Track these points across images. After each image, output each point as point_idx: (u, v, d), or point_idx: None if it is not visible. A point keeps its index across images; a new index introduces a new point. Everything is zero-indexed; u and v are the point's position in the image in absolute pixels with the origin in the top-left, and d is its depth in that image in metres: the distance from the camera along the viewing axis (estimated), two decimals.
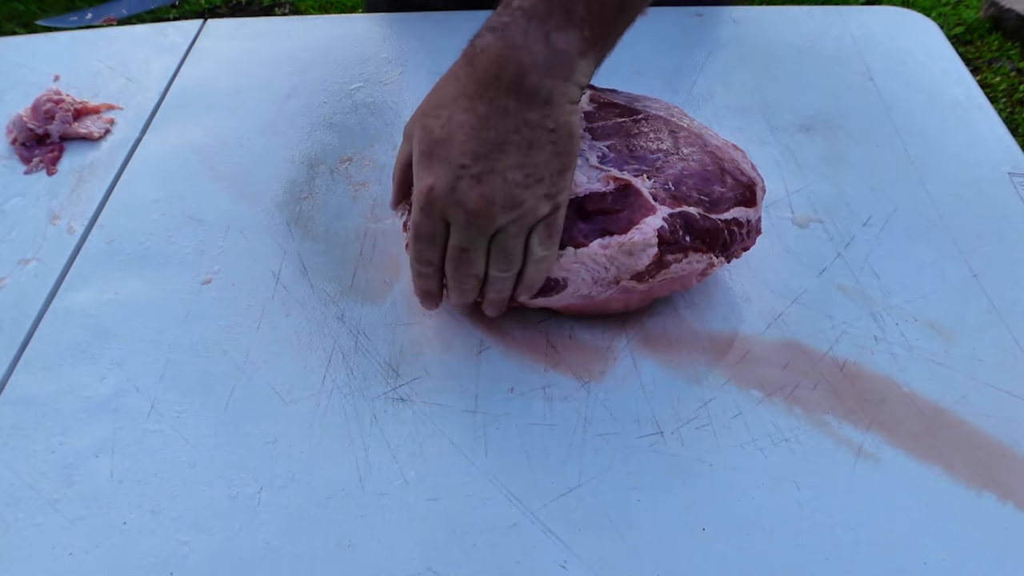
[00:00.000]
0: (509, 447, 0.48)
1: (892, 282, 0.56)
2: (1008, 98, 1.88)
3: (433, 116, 0.44)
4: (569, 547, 0.43)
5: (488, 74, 0.42)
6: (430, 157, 0.44)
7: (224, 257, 0.60)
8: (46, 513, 0.46)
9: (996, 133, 0.68)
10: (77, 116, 0.72)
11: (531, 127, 0.43)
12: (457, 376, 0.51)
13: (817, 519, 0.44)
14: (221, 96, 0.75)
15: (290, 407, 0.50)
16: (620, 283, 0.50)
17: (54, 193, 0.66)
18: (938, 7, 2.19)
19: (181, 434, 0.49)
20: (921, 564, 0.42)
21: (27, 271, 0.60)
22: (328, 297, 0.57)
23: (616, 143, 0.53)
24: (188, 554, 0.44)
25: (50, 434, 0.49)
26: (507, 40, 0.42)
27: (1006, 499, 0.45)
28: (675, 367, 0.52)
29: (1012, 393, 0.50)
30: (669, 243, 0.48)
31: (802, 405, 0.49)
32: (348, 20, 0.86)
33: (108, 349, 0.54)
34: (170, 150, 0.70)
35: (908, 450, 0.47)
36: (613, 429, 0.48)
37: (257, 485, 0.47)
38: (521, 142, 0.43)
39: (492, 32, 0.43)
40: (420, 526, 0.45)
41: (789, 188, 0.64)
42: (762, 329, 0.54)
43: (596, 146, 0.53)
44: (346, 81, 0.77)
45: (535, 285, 0.49)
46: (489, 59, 0.42)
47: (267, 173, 0.67)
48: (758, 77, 0.75)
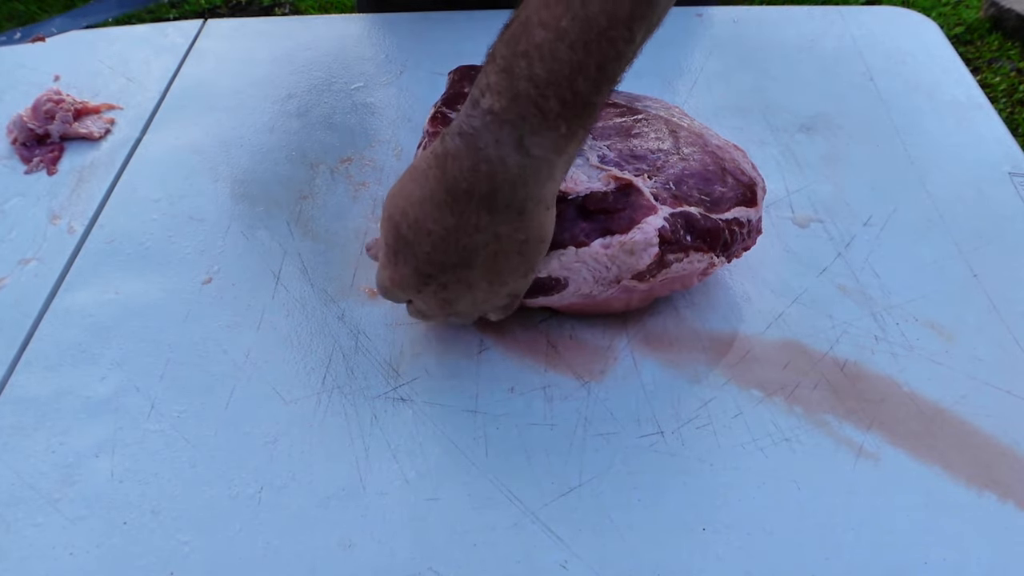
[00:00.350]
0: (509, 447, 0.48)
1: (892, 282, 0.56)
2: (1008, 98, 1.88)
3: (400, 213, 0.42)
4: (569, 547, 0.43)
5: (458, 186, 0.40)
6: (396, 253, 0.43)
7: (224, 257, 0.60)
8: (46, 513, 0.46)
9: (996, 133, 0.68)
10: (77, 116, 0.72)
11: (501, 240, 0.42)
12: (457, 376, 0.51)
13: (817, 519, 0.44)
14: (221, 96, 0.75)
15: (290, 407, 0.50)
16: (621, 282, 0.50)
17: (54, 193, 0.66)
18: (938, 7, 2.19)
19: (181, 434, 0.49)
20: (921, 564, 0.42)
21: (27, 271, 0.60)
22: (328, 297, 0.57)
23: (616, 143, 0.53)
24: (188, 554, 0.44)
25: (50, 434, 0.49)
26: (479, 151, 0.39)
27: (1006, 499, 0.45)
28: (675, 367, 0.52)
29: (1012, 393, 0.50)
30: (670, 242, 0.48)
31: (802, 405, 0.49)
32: (348, 20, 0.86)
33: (108, 349, 0.54)
34: (170, 150, 0.70)
35: (908, 450, 0.47)
36: (613, 429, 0.48)
37: (257, 485, 0.46)
38: (489, 254, 0.42)
39: (462, 138, 0.39)
40: (420, 526, 0.45)
41: (789, 188, 0.64)
42: (762, 329, 0.54)
43: (596, 146, 0.53)
44: (346, 81, 0.77)
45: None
46: (460, 169, 0.39)
47: (267, 173, 0.67)
48: (758, 77, 0.75)
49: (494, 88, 0.38)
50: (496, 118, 0.38)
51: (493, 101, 0.38)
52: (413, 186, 0.42)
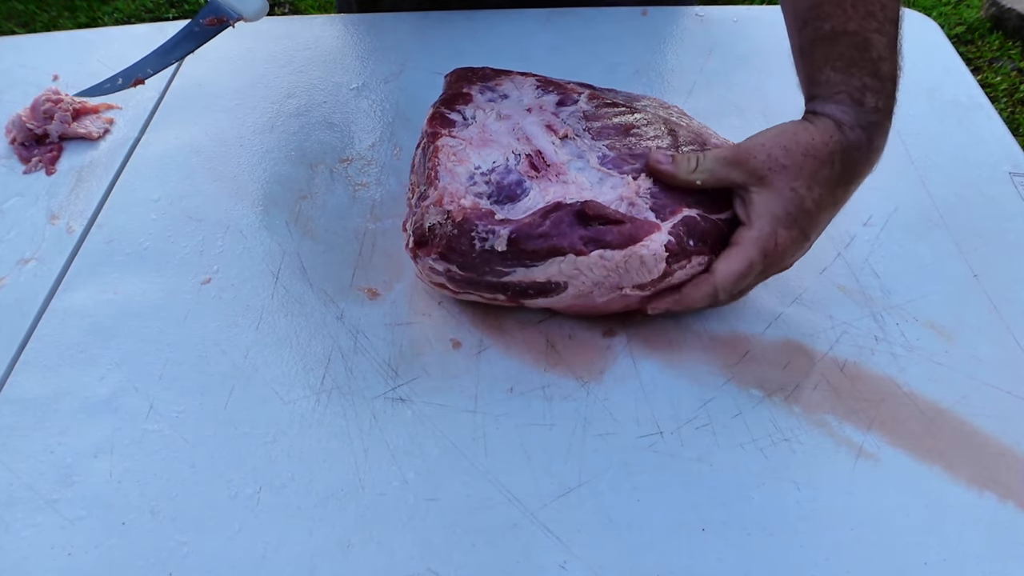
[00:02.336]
0: (509, 447, 0.48)
1: (892, 282, 0.56)
2: (1009, 98, 1.88)
3: (806, 187, 0.48)
4: (569, 547, 0.43)
5: (857, 173, 0.49)
6: (794, 221, 0.49)
7: (223, 257, 0.60)
8: (45, 513, 0.46)
9: (997, 133, 0.68)
10: (76, 116, 0.72)
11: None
12: (456, 376, 0.51)
13: (817, 519, 0.44)
14: (221, 96, 0.75)
15: (289, 407, 0.50)
16: (622, 290, 0.50)
17: (53, 193, 0.66)
18: (939, 7, 2.19)
19: (180, 434, 0.49)
20: (921, 564, 0.42)
21: (26, 271, 0.60)
22: (327, 297, 0.56)
23: (616, 142, 0.53)
24: (187, 554, 0.44)
25: (49, 434, 0.49)
26: (877, 145, 0.49)
27: (1007, 499, 0.45)
28: (675, 367, 0.52)
29: (1012, 393, 0.50)
30: (676, 253, 0.48)
31: (802, 405, 0.49)
32: (348, 20, 0.86)
33: (107, 349, 0.54)
34: (169, 150, 0.70)
35: (908, 450, 0.47)
36: (613, 429, 0.48)
37: (256, 485, 0.46)
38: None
39: (865, 131, 0.48)
40: (419, 526, 0.44)
41: None
42: (762, 329, 0.54)
43: (596, 146, 0.53)
44: (346, 81, 0.77)
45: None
46: (863, 158, 0.49)
47: (267, 173, 0.67)
48: (758, 77, 0.75)
49: (871, 88, 0.48)
50: (883, 114, 0.48)
51: (877, 100, 0.48)
52: (818, 167, 0.48)
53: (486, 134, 0.54)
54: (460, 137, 0.54)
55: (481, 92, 0.58)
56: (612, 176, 0.51)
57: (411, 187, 0.56)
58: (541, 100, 0.57)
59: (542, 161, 0.52)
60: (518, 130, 0.55)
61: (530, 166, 0.52)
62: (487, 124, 0.55)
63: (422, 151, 0.55)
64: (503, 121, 0.55)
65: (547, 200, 0.49)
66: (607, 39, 0.60)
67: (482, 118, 0.55)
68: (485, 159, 0.52)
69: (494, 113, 0.56)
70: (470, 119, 0.55)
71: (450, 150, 0.52)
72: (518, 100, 0.58)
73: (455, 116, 0.55)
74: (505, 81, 0.59)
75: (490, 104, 0.57)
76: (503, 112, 0.56)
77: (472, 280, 0.50)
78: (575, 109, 0.57)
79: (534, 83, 0.59)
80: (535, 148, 0.53)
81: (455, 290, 0.52)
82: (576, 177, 0.51)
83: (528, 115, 0.56)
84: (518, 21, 0.82)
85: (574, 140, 0.54)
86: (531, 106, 0.57)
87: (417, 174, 0.55)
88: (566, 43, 0.79)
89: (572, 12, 0.83)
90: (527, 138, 0.54)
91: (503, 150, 0.53)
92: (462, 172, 0.51)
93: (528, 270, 0.49)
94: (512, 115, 0.56)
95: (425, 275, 0.52)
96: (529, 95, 0.58)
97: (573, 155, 0.53)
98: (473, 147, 0.53)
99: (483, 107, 0.57)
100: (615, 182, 0.51)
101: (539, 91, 0.58)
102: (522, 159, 0.52)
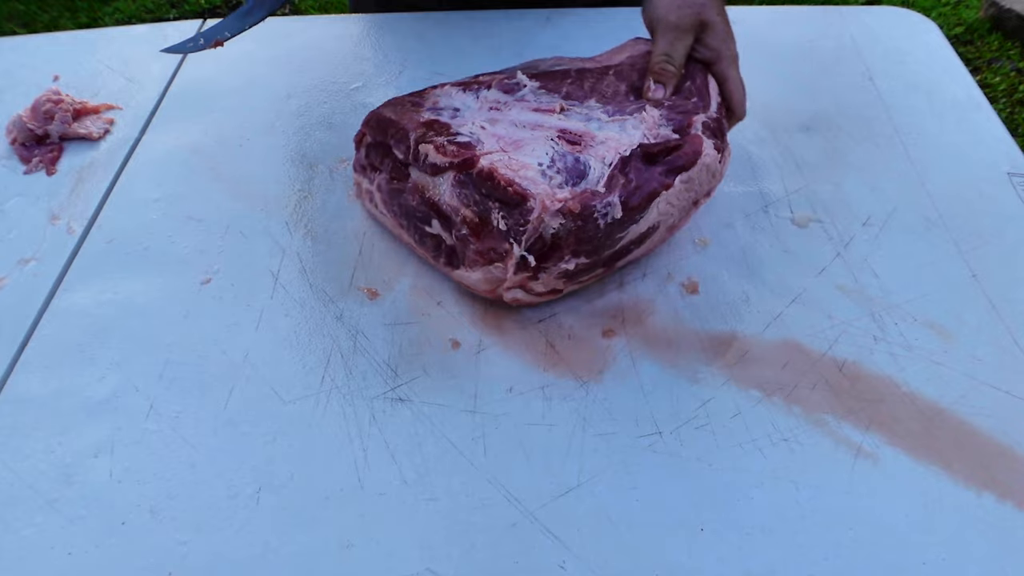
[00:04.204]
0: (508, 447, 0.48)
1: (892, 282, 0.56)
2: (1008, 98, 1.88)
3: (720, 8, 0.60)
4: (568, 547, 0.43)
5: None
6: (729, 34, 0.61)
7: (223, 257, 0.60)
8: (45, 513, 0.46)
9: (996, 133, 0.68)
10: (76, 116, 0.72)
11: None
12: (456, 376, 0.51)
13: (817, 519, 0.44)
14: (221, 96, 0.75)
15: (289, 407, 0.50)
16: (697, 203, 0.56)
17: (53, 193, 0.66)
18: (938, 7, 2.19)
19: (180, 434, 0.49)
20: (920, 564, 0.42)
21: (26, 271, 0.60)
22: (327, 297, 0.57)
23: (599, 97, 0.57)
24: (187, 554, 0.44)
25: (49, 434, 0.49)
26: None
27: (1006, 499, 0.45)
28: (674, 367, 0.52)
29: (1012, 393, 0.50)
30: (721, 150, 0.55)
31: (801, 405, 0.49)
32: (348, 20, 0.86)
33: (107, 349, 0.54)
34: (170, 150, 0.70)
35: (907, 450, 0.47)
36: (612, 429, 0.48)
37: (256, 485, 0.46)
38: None
39: None
40: (419, 526, 0.44)
41: (789, 188, 0.64)
42: (761, 329, 0.54)
43: (591, 106, 0.56)
44: (346, 81, 0.77)
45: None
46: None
47: (267, 173, 0.67)
48: (758, 77, 0.75)
49: None
50: None
51: None
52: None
53: (504, 140, 0.53)
54: (494, 151, 0.52)
55: (435, 112, 0.56)
56: (627, 119, 0.55)
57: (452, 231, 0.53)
58: (491, 97, 0.57)
59: (573, 136, 0.53)
60: (522, 124, 0.54)
61: (569, 144, 0.53)
62: (491, 134, 0.53)
63: (454, 184, 0.51)
64: (498, 125, 0.54)
65: (608, 163, 0.51)
66: (607, 39, 0.60)
67: (478, 133, 0.53)
68: (532, 156, 0.51)
69: (478, 126, 0.54)
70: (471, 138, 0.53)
71: (503, 164, 0.50)
72: (473, 108, 0.56)
73: (464, 138, 0.53)
74: (433, 100, 0.57)
75: (459, 122, 0.55)
76: (481, 121, 0.54)
77: (593, 264, 0.52)
78: (529, 90, 0.57)
79: (457, 90, 0.58)
80: (556, 128, 0.54)
81: (562, 288, 0.53)
82: (606, 135, 0.53)
83: (508, 111, 0.56)
84: (518, 21, 0.82)
85: (571, 110, 0.56)
86: (493, 105, 0.56)
87: (462, 204, 0.51)
88: (566, 43, 0.79)
89: (572, 12, 0.83)
90: (538, 125, 0.54)
91: (535, 143, 0.52)
92: (534, 175, 0.50)
93: (636, 225, 0.52)
94: (496, 119, 0.55)
95: (542, 286, 0.52)
96: (471, 100, 0.57)
97: (584, 121, 0.55)
98: (512, 152, 0.52)
99: (462, 126, 0.54)
100: (633, 123, 0.54)
101: (473, 92, 0.57)
102: (558, 142, 0.53)
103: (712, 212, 0.62)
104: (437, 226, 0.54)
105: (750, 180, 0.65)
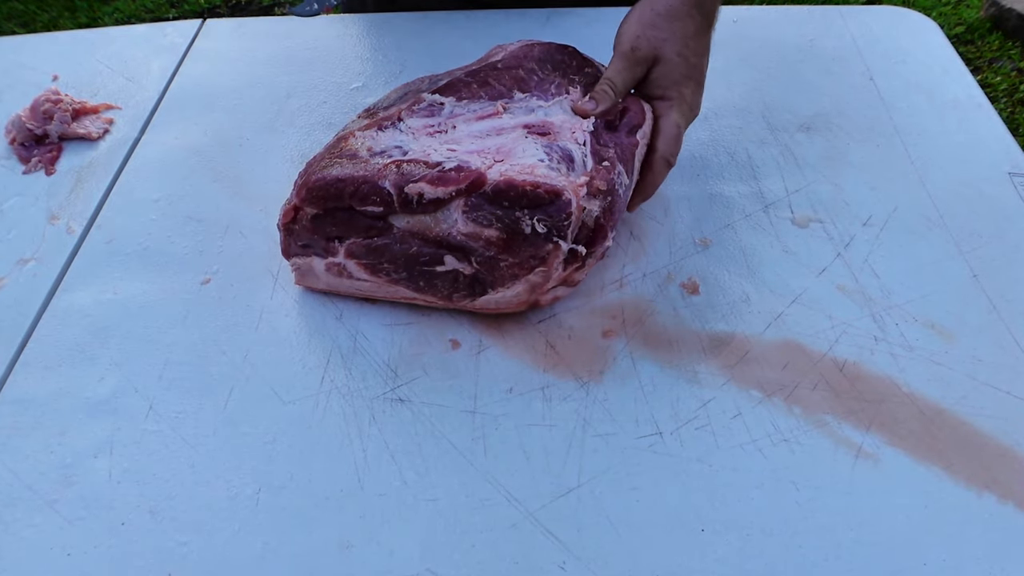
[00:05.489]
0: (508, 447, 0.48)
1: (892, 282, 0.56)
2: (1008, 98, 1.88)
3: (684, 46, 0.57)
4: (568, 547, 0.43)
5: (713, 16, 0.59)
6: (689, 77, 0.58)
7: (223, 257, 0.60)
8: (44, 513, 0.46)
9: (996, 133, 0.68)
10: (76, 116, 0.72)
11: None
12: (456, 376, 0.51)
13: (817, 519, 0.44)
14: (221, 96, 0.75)
15: (289, 407, 0.50)
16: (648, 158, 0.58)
17: (53, 193, 0.66)
18: (938, 7, 2.19)
19: (180, 434, 0.49)
20: (921, 565, 0.42)
21: (26, 271, 0.60)
22: (327, 297, 0.56)
23: (521, 90, 0.58)
24: (186, 554, 0.44)
25: (49, 434, 0.49)
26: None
27: (1006, 499, 0.45)
28: (674, 367, 0.52)
29: (1012, 393, 0.50)
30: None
31: (802, 405, 0.49)
32: (348, 20, 0.86)
33: (107, 349, 0.54)
34: (169, 150, 0.70)
35: (908, 450, 0.47)
36: (612, 429, 0.48)
37: (256, 485, 0.46)
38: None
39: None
40: (419, 527, 0.44)
41: (789, 188, 0.64)
42: (761, 329, 0.54)
43: (524, 99, 0.57)
44: (346, 81, 0.77)
45: None
46: (711, 1, 0.58)
47: (267, 173, 0.67)
48: (758, 77, 0.75)
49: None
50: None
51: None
52: (685, 25, 0.57)
53: (488, 152, 0.52)
54: (491, 165, 0.51)
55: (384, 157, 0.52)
56: (561, 99, 0.57)
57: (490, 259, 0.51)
58: (418, 125, 0.55)
59: (539, 127, 0.54)
60: (484, 134, 0.54)
61: (541, 135, 0.53)
62: (468, 151, 0.52)
63: (465, 210, 0.49)
64: (464, 143, 0.53)
65: (581, 141, 0.53)
66: (607, 39, 0.60)
67: (456, 156, 0.51)
68: (529, 156, 0.51)
69: (446, 150, 0.52)
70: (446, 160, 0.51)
71: (514, 172, 0.49)
72: (411, 140, 0.53)
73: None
74: (365, 147, 0.53)
75: (423, 155, 0.51)
76: (444, 146, 0.53)
77: (614, 225, 0.53)
78: (450, 105, 0.56)
79: (372, 132, 0.54)
80: (519, 126, 0.54)
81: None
82: (560, 119, 0.55)
83: (456, 129, 0.54)
84: (518, 21, 0.82)
85: (511, 107, 0.56)
86: (430, 131, 0.54)
87: (481, 227, 0.49)
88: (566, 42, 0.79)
89: (572, 12, 0.83)
90: (500, 129, 0.54)
91: (516, 145, 0.52)
92: (546, 171, 0.50)
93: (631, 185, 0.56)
94: (456, 138, 0.53)
95: (585, 273, 0.54)
96: (400, 136, 0.54)
97: (529, 112, 0.56)
98: (508, 160, 0.51)
99: (430, 156, 0.51)
100: (565, 103, 0.57)
101: (393, 129, 0.54)
102: (533, 136, 0.53)
103: (712, 212, 0.62)
104: (452, 261, 0.51)
105: (750, 180, 0.65)
